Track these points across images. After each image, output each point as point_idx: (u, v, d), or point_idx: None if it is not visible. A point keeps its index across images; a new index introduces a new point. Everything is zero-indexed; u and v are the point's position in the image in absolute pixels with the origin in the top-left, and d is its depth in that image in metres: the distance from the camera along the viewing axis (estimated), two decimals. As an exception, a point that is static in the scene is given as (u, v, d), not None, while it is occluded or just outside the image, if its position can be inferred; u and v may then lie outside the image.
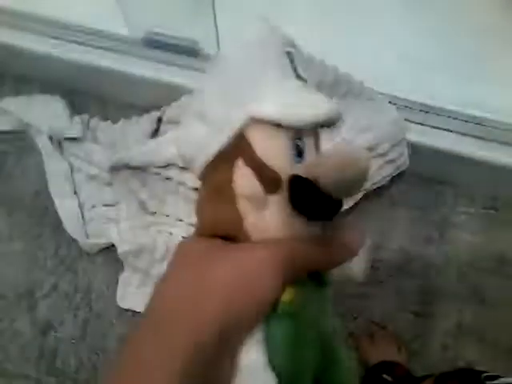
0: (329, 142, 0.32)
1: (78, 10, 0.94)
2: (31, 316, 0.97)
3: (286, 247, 0.28)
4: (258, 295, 0.26)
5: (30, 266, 1.00)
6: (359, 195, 0.90)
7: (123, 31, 0.91)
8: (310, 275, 0.30)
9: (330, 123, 0.29)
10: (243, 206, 0.29)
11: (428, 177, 0.98)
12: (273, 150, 0.29)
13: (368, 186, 0.88)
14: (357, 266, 0.34)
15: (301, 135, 0.29)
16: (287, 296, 0.28)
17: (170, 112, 0.94)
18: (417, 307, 0.92)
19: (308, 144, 0.30)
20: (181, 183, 0.89)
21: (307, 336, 0.29)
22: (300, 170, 0.28)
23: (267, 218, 0.29)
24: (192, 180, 0.88)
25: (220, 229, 0.30)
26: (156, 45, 0.90)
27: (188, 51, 0.90)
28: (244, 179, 0.28)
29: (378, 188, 0.91)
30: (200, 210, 0.32)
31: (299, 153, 0.29)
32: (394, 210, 0.97)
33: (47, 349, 0.96)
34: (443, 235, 0.95)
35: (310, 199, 0.28)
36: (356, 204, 0.91)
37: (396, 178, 0.92)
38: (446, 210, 0.96)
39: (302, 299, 0.28)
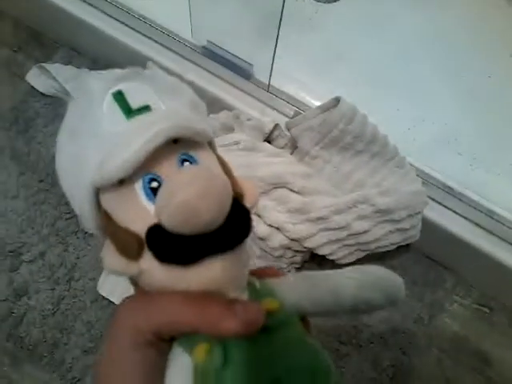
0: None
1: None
2: (10, 276, 0.96)
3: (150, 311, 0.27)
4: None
5: (25, 229, 1.00)
6: (362, 254, 0.89)
7: (186, 35, 0.94)
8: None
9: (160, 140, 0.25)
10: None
11: (433, 257, 0.98)
12: (126, 210, 0.26)
13: (373, 247, 0.88)
14: None
15: (149, 170, 0.25)
16: (199, 353, 0.26)
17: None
18: (388, 381, 0.90)
19: (165, 173, 0.26)
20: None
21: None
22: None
23: (146, 277, 0.27)
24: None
25: None
26: (214, 56, 0.93)
27: (241, 72, 0.93)
28: (109, 257, 0.27)
29: (382, 253, 0.91)
30: None
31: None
32: (392, 280, 0.96)
33: (15, 313, 0.94)
34: (432, 318, 0.94)
35: (165, 244, 0.25)
36: (355, 262, 0.90)
37: (402, 249, 0.92)
38: (441, 294, 0.96)
39: (238, 352, 0.26)
